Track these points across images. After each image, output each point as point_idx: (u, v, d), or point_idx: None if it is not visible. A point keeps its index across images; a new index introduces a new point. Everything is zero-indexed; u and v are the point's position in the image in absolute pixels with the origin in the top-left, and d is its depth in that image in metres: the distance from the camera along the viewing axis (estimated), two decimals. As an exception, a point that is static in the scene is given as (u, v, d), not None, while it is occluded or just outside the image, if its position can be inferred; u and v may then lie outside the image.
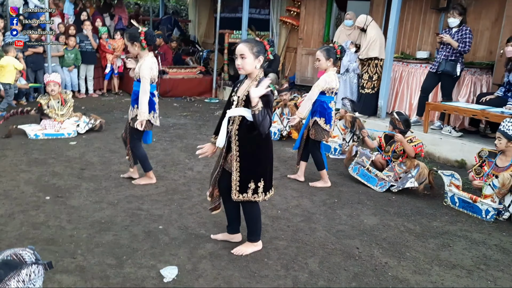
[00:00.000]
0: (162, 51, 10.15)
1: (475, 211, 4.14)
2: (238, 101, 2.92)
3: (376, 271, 3.05)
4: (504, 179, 3.92)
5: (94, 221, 3.56)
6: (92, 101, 8.87)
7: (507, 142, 4.12)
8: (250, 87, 2.85)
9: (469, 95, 6.51)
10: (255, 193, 3.00)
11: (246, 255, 3.14)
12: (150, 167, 4.46)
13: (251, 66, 2.87)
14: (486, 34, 6.85)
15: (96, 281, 2.74)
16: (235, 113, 2.93)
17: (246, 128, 2.90)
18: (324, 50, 4.41)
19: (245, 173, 2.96)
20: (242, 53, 2.84)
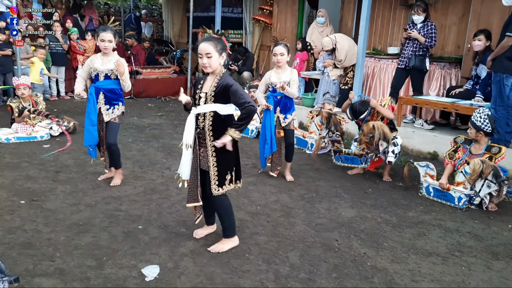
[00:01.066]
0: (134, 51, 10.05)
1: (448, 199, 4.28)
2: (207, 97, 2.96)
3: (356, 262, 3.12)
4: (475, 164, 4.08)
5: (72, 223, 3.51)
6: (64, 103, 8.70)
7: (476, 132, 4.31)
8: (214, 83, 2.95)
9: (439, 89, 6.69)
10: (231, 182, 3.10)
11: (227, 251, 3.15)
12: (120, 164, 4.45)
13: (217, 64, 2.93)
14: (453, 29, 7.05)
15: (76, 283, 2.70)
16: (206, 109, 2.97)
17: (220, 122, 2.96)
18: (285, 45, 4.55)
19: (222, 166, 3.03)
20: (207, 52, 2.88)
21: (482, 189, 4.14)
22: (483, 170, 4.05)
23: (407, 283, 2.88)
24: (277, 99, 4.64)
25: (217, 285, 2.75)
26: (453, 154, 4.53)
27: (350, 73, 7.13)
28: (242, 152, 5.79)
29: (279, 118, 4.69)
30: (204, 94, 2.98)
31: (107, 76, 4.21)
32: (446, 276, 2.99)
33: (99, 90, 4.26)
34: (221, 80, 2.95)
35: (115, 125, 4.27)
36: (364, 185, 4.73)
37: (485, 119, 4.27)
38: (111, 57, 4.22)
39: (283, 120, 4.68)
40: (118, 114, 4.29)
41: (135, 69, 9.56)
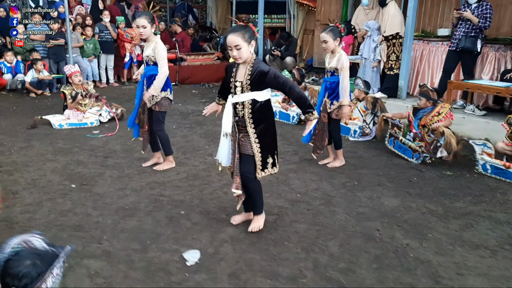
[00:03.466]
0: (180, 38, 10.18)
1: (508, 176, 4.29)
2: (243, 86, 2.96)
3: (397, 253, 3.05)
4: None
5: (119, 207, 3.65)
6: (113, 90, 9.00)
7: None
8: (248, 71, 2.94)
9: (493, 72, 6.33)
10: (273, 166, 3.17)
11: (266, 238, 3.18)
12: (171, 151, 4.55)
13: (247, 54, 2.91)
14: (510, 9, 6.62)
15: (121, 265, 2.82)
16: (244, 98, 2.98)
17: (259, 107, 3.00)
18: (329, 31, 4.33)
19: (265, 151, 3.09)
20: (236, 44, 2.86)
21: None
22: None
23: (452, 276, 2.78)
24: (328, 85, 4.55)
25: (256, 271, 2.78)
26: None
27: (393, 55, 6.84)
28: (284, 139, 5.78)
29: (326, 102, 4.58)
30: (240, 83, 2.98)
31: (147, 62, 4.29)
32: (494, 270, 2.86)
33: (143, 76, 4.37)
34: (255, 67, 2.94)
35: (157, 114, 4.33)
36: (409, 173, 4.59)
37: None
38: (150, 43, 4.24)
39: (329, 106, 4.56)
40: (158, 100, 4.27)
41: (179, 55, 9.71)
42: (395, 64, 6.86)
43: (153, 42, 4.22)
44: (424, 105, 5.01)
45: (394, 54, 6.84)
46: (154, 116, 4.37)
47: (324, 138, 4.67)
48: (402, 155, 5.05)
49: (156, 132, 4.41)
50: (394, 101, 6.67)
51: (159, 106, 4.31)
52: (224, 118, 3.07)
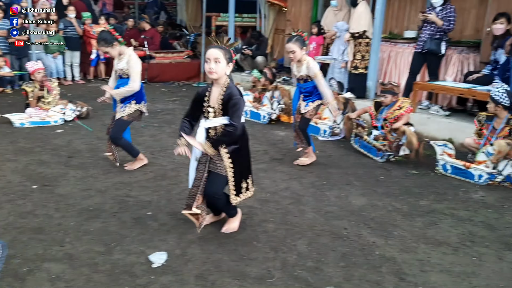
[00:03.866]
0: (149, 35, 10.01)
1: (467, 176, 4.44)
2: (216, 111, 2.94)
3: (364, 251, 3.09)
4: (500, 146, 4.21)
5: (82, 208, 3.55)
6: (78, 88, 8.76)
7: (495, 106, 4.44)
8: (220, 95, 2.91)
9: (457, 74, 6.51)
10: (247, 190, 3.17)
11: (235, 239, 3.16)
12: (137, 151, 4.46)
13: (223, 72, 2.88)
14: (473, 12, 6.83)
15: (84, 268, 2.74)
16: (216, 123, 2.96)
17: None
18: (295, 40, 4.39)
19: (239, 176, 3.07)
20: (217, 57, 2.83)
21: (506, 168, 4.26)
22: (509, 151, 4.18)
23: (416, 273, 2.84)
24: (303, 90, 4.64)
25: (223, 272, 2.76)
26: (480, 132, 4.67)
27: (358, 54, 6.94)
28: (254, 139, 5.76)
29: (301, 105, 4.66)
30: (213, 108, 2.95)
31: (120, 76, 4.22)
32: (456, 266, 2.94)
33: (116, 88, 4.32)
34: (227, 91, 2.91)
35: (120, 121, 4.25)
36: (377, 172, 4.67)
37: (503, 93, 4.40)
38: (123, 55, 4.19)
39: (303, 107, 4.62)
40: (130, 112, 4.23)
41: (148, 53, 9.55)
42: (360, 63, 6.95)
43: (127, 54, 4.15)
44: (390, 101, 5.10)
45: (359, 53, 6.92)
46: (116, 124, 4.27)
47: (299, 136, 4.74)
48: (367, 154, 5.14)
49: (113, 140, 4.29)
50: (363, 101, 6.76)
51: (128, 116, 4.25)
52: (196, 142, 2.98)
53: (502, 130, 4.44)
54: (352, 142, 5.39)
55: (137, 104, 4.28)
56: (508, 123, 4.42)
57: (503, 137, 4.39)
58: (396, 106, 5.07)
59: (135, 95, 4.26)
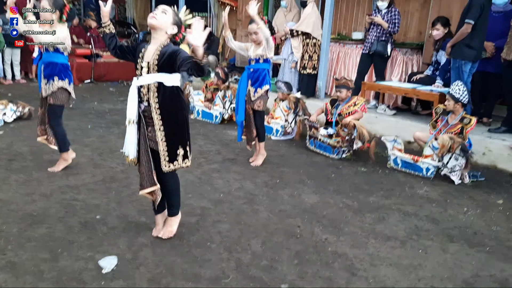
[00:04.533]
0: (95, 33, 9.65)
1: (416, 169, 4.71)
2: (150, 67, 2.75)
3: (317, 248, 3.14)
4: (444, 141, 4.44)
5: (25, 214, 3.36)
6: (19, 87, 8.32)
7: (454, 103, 4.63)
8: (157, 51, 2.73)
9: (401, 75, 6.80)
10: (185, 158, 2.94)
11: (188, 240, 3.11)
12: (67, 148, 4.27)
13: (165, 25, 2.75)
14: (416, 15, 7.15)
15: (29, 276, 2.59)
16: (149, 80, 2.77)
17: (168, 95, 2.79)
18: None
19: (172, 140, 2.87)
20: (165, 9, 2.76)
21: (450, 161, 4.50)
22: (451, 146, 4.40)
23: (366, 268, 2.92)
24: (250, 71, 4.56)
25: (177, 275, 2.71)
26: (435, 124, 4.87)
27: (306, 55, 7.06)
28: (207, 139, 5.72)
29: (250, 91, 4.57)
30: (146, 63, 2.77)
31: (46, 49, 4.03)
32: (403, 259, 3.05)
33: (40, 63, 4.14)
34: (164, 48, 2.75)
35: (51, 109, 4.06)
36: (328, 170, 4.77)
37: (463, 91, 4.59)
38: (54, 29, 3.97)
39: (253, 94, 4.55)
40: (54, 90, 4.00)
41: (95, 52, 9.23)
42: (308, 63, 7.07)
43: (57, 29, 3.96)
44: (346, 96, 5.29)
45: (306, 53, 7.04)
46: (49, 109, 4.08)
47: (252, 129, 4.68)
48: (324, 153, 5.26)
49: (52, 126, 4.11)
50: (314, 101, 6.89)
51: (55, 98, 4.03)
52: (129, 103, 2.84)
53: (454, 126, 4.67)
54: (308, 144, 5.50)
55: (60, 81, 4.03)
56: (462, 121, 4.64)
57: (453, 133, 4.62)
58: (351, 102, 5.27)
59: (57, 70, 4.03)
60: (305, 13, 6.88)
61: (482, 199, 4.19)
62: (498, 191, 4.40)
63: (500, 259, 3.13)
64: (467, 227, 3.59)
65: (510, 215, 3.87)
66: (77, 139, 5.30)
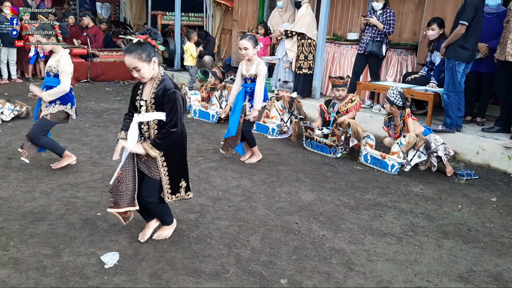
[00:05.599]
0: (91, 32, 9.69)
1: (383, 166, 4.80)
2: (148, 106, 2.78)
3: (315, 244, 3.20)
4: (410, 137, 4.61)
5: (26, 211, 3.39)
6: (16, 86, 8.31)
7: (390, 106, 4.92)
8: (153, 88, 2.76)
9: (396, 75, 6.88)
10: (188, 190, 3.04)
11: (188, 236, 3.15)
12: (62, 149, 4.32)
13: (150, 73, 2.72)
14: (410, 16, 7.24)
15: (32, 272, 2.63)
16: (148, 118, 2.79)
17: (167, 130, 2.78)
18: (249, 38, 4.52)
19: (175, 174, 2.93)
20: (134, 67, 2.66)
21: (413, 159, 4.69)
22: (416, 142, 4.56)
23: (363, 263, 2.98)
24: (249, 90, 4.69)
25: (178, 270, 2.75)
26: (387, 121, 5.12)
27: (301, 55, 7.12)
28: (204, 138, 5.77)
29: (246, 106, 4.69)
30: (144, 102, 2.78)
31: (47, 72, 4.12)
32: (400, 255, 3.12)
33: (42, 86, 4.19)
34: (161, 84, 2.75)
35: (42, 120, 4.10)
36: (324, 169, 4.83)
37: (396, 95, 4.83)
38: (56, 54, 4.09)
39: (248, 109, 4.67)
40: (53, 112, 4.08)
41: (91, 51, 9.24)
42: (303, 63, 7.13)
43: (59, 54, 4.06)
44: (345, 94, 5.37)
45: (302, 54, 7.10)
46: (41, 121, 4.11)
47: (237, 139, 4.73)
48: (322, 153, 5.33)
49: (32, 139, 4.09)
50: (309, 101, 6.96)
51: (52, 116, 4.11)
52: (129, 137, 2.81)
53: (399, 126, 4.90)
54: (305, 145, 5.56)
55: (61, 105, 4.12)
56: (402, 117, 4.87)
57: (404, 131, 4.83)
58: (347, 99, 5.36)
59: (61, 96, 4.12)
60: (299, 14, 6.94)
61: (476, 197, 4.27)
62: (491, 189, 4.48)
63: (494, 254, 3.20)
64: (462, 224, 3.66)
65: (503, 212, 3.95)
66: (75, 138, 5.33)
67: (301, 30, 6.89)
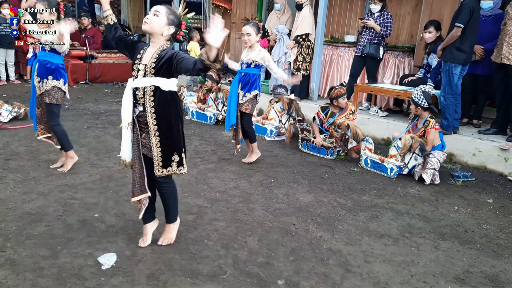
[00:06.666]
0: (90, 34, 9.69)
1: (382, 170, 4.79)
2: (146, 70, 2.68)
3: (312, 245, 3.21)
4: (405, 140, 4.59)
5: (24, 212, 3.39)
6: (14, 88, 8.31)
7: (415, 107, 4.80)
8: (155, 54, 2.68)
9: (393, 77, 6.91)
10: (180, 165, 2.88)
11: (185, 238, 3.16)
12: (71, 146, 4.31)
13: (159, 28, 2.66)
14: (407, 19, 7.27)
15: (29, 273, 2.63)
16: (144, 83, 2.69)
17: (163, 101, 2.72)
18: (253, 25, 4.55)
19: (167, 146, 2.80)
20: (157, 10, 2.66)
21: (410, 161, 4.67)
22: (412, 145, 4.56)
23: (361, 264, 2.99)
24: (241, 75, 4.64)
25: (175, 271, 2.76)
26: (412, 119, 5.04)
27: (300, 56, 7.14)
28: (202, 139, 5.77)
29: (239, 94, 4.64)
30: (143, 66, 2.69)
31: (43, 47, 4.06)
32: (397, 256, 3.13)
33: (36, 61, 4.17)
34: (163, 52, 2.68)
35: (50, 106, 4.08)
36: (321, 170, 4.84)
37: (420, 96, 4.77)
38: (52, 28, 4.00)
39: (241, 97, 4.62)
40: (47, 88, 4.02)
41: (90, 53, 9.24)
42: (301, 65, 7.15)
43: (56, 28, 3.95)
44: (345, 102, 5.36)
45: (301, 55, 7.12)
46: (47, 109, 4.12)
47: (239, 131, 4.74)
48: (318, 155, 5.34)
49: (52, 126, 4.16)
50: (307, 103, 6.98)
51: (50, 97, 4.06)
52: (123, 106, 2.75)
53: (419, 130, 4.83)
54: (300, 147, 5.53)
55: (54, 80, 4.05)
56: (424, 124, 4.77)
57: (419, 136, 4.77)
58: (348, 111, 5.34)
59: (52, 70, 4.05)
60: (301, 16, 6.97)
61: (473, 199, 4.28)
62: (488, 191, 4.50)
63: (490, 255, 3.22)
64: (458, 225, 3.68)
65: (499, 214, 3.97)
66: (74, 139, 5.31)
67: (307, 31, 6.92)
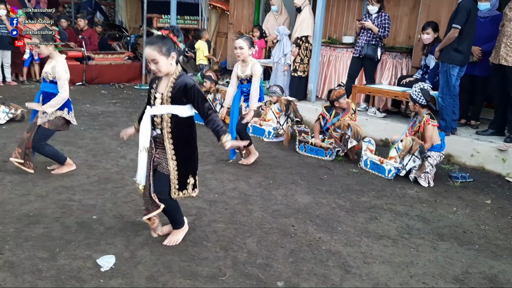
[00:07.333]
0: (87, 35, 9.66)
1: (380, 171, 4.81)
2: (163, 98, 2.79)
3: (311, 246, 3.20)
4: (406, 141, 4.59)
5: (22, 214, 3.37)
6: (10, 89, 8.27)
7: (413, 104, 4.79)
8: (170, 82, 2.78)
9: (391, 78, 6.92)
10: (194, 187, 3.02)
11: (184, 239, 3.15)
12: (64, 158, 4.30)
13: (167, 67, 2.76)
14: (405, 20, 7.29)
15: (27, 275, 2.61)
16: (162, 111, 2.81)
17: (181, 126, 2.84)
18: (246, 39, 4.54)
19: (183, 169, 2.92)
20: (153, 58, 2.70)
21: (409, 163, 4.66)
22: (412, 146, 4.54)
23: (360, 265, 2.99)
24: (245, 90, 4.70)
25: (174, 273, 2.75)
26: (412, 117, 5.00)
27: (297, 58, 7.15)
28: (200, 140, 5.73)
29: (242, 106, 4.72)
30: (160, 95, 2.80)
31: (44, 78, 4.09)
32: (396, 257, 3.13)
33: (39, 92, 4.18)
34: (179, 80, 2.78)
35: (41, 129, 4.07)
36: (320, 172, 4.84)
37: (418, 93, 4.71)
38: (51, 59, 4.06)
39: (244, 109, 4.70)
40: (50, 118, 4.05)
41: (87, 54, 9.22)
42: (299, 66, 7.16)
43: (55, 60, 4.03)
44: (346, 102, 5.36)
45: (299, 56, 7.13)
46: (40, 130, 4.07)
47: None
48: (316, 156, 5.32)
49: (36, 149, 4.09)
50: (305, 104, 6.99)
51: (50, 123, 4.08)
52: (141, 131, 2.85)
53: (416, 126, 4.81)
54: (298, 149, 5.49)
55: (58, 111, 4.08)
56: (420, 121, 4.76)
57: (414, 133, 4.80)
58: (350, 111, 5.33)
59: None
60: (301, 17, 6.98)
61: (471, 199, 4.29)
62: (486, 192, 4.51)
63: (489, 256, 3.23)
64: (457, 226, 3.69)
65: (498, 215, 3.98)
66: (71, 141, 5.31)
67: (307, 33, 6.93)
